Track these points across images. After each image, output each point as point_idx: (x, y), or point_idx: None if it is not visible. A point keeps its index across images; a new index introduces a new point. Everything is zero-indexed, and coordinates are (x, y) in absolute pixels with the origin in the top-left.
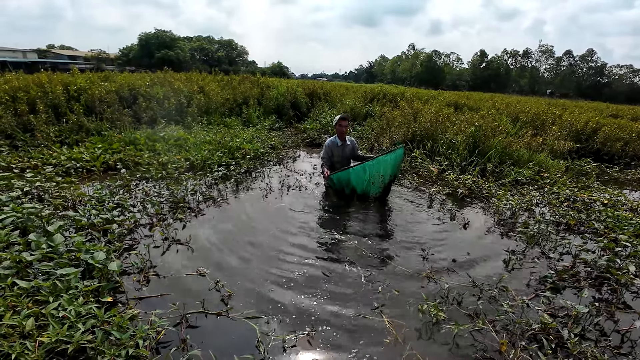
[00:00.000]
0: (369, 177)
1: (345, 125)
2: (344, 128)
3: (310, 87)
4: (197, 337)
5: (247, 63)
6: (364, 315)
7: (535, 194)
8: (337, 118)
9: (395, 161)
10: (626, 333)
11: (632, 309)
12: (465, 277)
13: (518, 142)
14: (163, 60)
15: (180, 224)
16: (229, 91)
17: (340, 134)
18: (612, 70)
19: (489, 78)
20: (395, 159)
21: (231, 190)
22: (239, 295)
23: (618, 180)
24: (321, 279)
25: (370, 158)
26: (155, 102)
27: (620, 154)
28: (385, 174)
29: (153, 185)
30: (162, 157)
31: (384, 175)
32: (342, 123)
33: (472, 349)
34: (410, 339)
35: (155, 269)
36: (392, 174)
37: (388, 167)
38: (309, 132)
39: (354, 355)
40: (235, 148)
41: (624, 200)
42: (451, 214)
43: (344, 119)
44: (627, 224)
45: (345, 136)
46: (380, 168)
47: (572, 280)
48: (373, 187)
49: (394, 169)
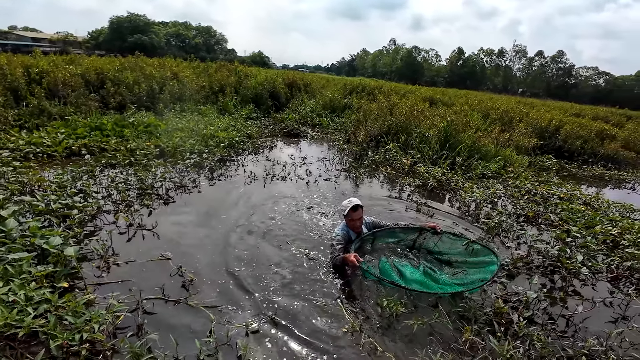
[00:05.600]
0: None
1: (359, 217)
2: (357, 222)
3: (290, 78)
4: (156, 323)
5: (226, 51)
6: (324, 304)
7: (499, 187)
8: (347, 207)
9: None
10: (570, 317)
11: (580, 295)
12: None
13: (487, 138)
14: (136, 45)
15: (146, 211)
16: (204, 78)
17: (354, 229)
18: (580, 71)
19: (465, 75)
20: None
21: (204, 178)
22: (201, 282)
23: (576, 176)
24: (285, 270)
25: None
26: (125, 88)
27: (579, 151)
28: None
29: (120, 172)
30: (130, 143)
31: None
32: (354, 216)
33: (429, 338)
34: (368, 329)
35: (118, 255)
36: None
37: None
38: (288, 122)
39: (313, 341)
40: (209, 136)
41: (579, 194)
42: (418, 205)
43: (355, 209)
44: (580, 217)
45: (360, 229)
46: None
47: (526, 268)
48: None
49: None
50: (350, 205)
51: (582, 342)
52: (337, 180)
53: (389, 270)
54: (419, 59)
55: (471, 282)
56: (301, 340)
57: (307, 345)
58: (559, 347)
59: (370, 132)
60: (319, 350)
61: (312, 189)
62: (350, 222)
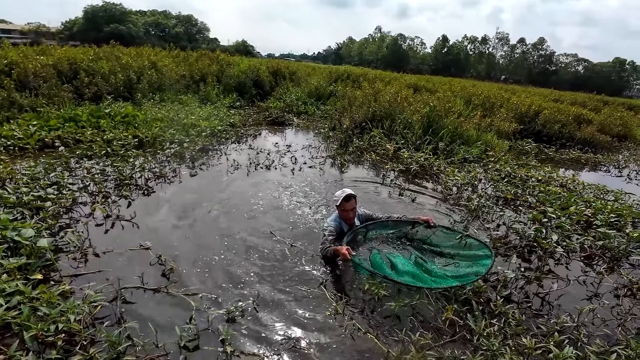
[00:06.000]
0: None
1: (352, 207)
2: (350, 213)
3: (274, 66)
4: (136, 312)
5: (208, 40)
6: (308, 289)
7: (480, 171)
8: (340, 198)
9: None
10: (546, 296)
11: (555, 274)
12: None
13: (469, 123)
14: (112, 36)
15: (125, 202)
16: (185, 67)
17: (347, 220)
18: (560, 58)
19: (450, 63)
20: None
21: (185, 168)
22: (181, 271)
23: (554, 159)
24: (267, 258)
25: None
26: (100, 78)
27: (557, 135)
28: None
29: (96, 163)
30: (107, 134)
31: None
32: (346, 206)
33: (410, 318)
34: (351, 311)
35: (95, 247)
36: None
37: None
38: (272, 111)
39: (296, 324)
40: (190, 125)
41: (556, 177)
42: (401, 189)
43: (348, 199)
44: (556, 198)
45: (353, 220)
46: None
47: (505, 248)
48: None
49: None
50: (343, 195)
51: (556, 319)
52: (322, 167)
53: (380, 263)
54: (404, 46)
55: (464, 275)
56: (284, 324)
57: (290, 329)
58: (534, 325)
59: (355, 119)
60: (301, 332)
61: (297, 176)
62: (343, 213)
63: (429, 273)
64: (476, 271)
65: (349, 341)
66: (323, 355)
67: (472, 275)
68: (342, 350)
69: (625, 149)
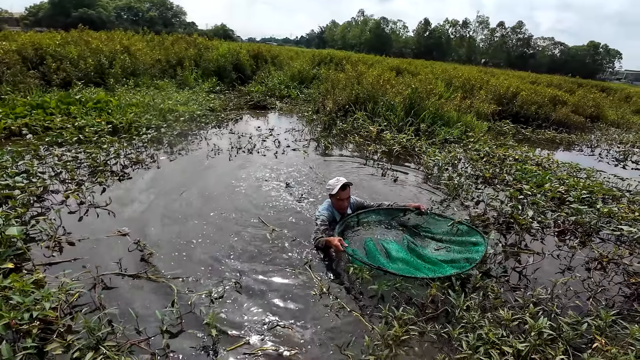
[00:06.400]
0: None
1: (347, 196)
2: (345, 202)
3: (255, 50)
4: (115, 299)
5: (185, 25)
6: (292, 270)
7: (460, 151)
8: (335, 186)
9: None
10: (523, 270)
11: (531, 250)
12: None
13: (449, 105)
14: (82, 21)
15: (100, 189)
16: (160, 52)
17: (341, 209)
18: (537, 42)
19: (432, 46)
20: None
21: (163, 153)
22: (161, 255)
23: (530, 139)
24: (248, 241)
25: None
26: (69, 63)
27: (534, 116)
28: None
29: (67, 150)
30: (78, 120)
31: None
32: (342, 195)
33: (393, 293)
34: (336, 291)
35: (70, 234)
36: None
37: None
38: (254, 95)
39: (280, 304)
40: (167, 110)
41: (532, 156)
42: (384, 170)
43: (345, 187)
44: (532, 176)
45: (347, 209)
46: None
47: (483, 225)
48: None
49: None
50: (339, 184)
51: (532, 291)
52: (306, 150)
53: (374, 251)
54: (387, 30)
55: (457, 260)
56: (267, 305)
57: (274, 309)
58: (511, 298)
59: (339, 102)
60: (286, 312)
61: (280, 159)
62: (338, 202)
63: (421, 258)
64: (468, 257)
65: (334, 320)
66: (308, 334)
67: (463, 260)
68: (327, 329)
69: (597, 129)
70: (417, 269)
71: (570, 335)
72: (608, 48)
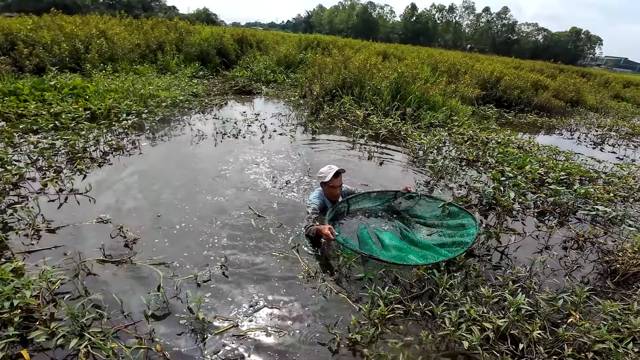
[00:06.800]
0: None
1: (340, 183)
2: (338, 189)
3: (240, 34)
4: (99, 285)
5: (165, 8)
6: (279, 253)
7: (444, 135)
8: (328, 174)
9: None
10: (504, 250)
11: (512, 230)
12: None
13: (435, 89)
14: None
15: (80, 176)
16: (139, 36)
17: (333, 197)
18: (522, 28)
19: (419, 32)
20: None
21: (145, 139)
22: (145, 241)
23: (512, 123)
24: (233, 226)
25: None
26: (42, 48)
27: (516, 101)
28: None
29: (43, 137)
30: (54, 107)
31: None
32: (335, 183)
33: (382, 280)
34: (323, 274)
35: (49, 222)
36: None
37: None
38: (239, 80)
39: (267, 286)
40: (148, 95)
41: (514, 139)
42: (370, 153)
43: (338, 175)
44: (513, 158)
45: (338, 197)
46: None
47: (467, 206)
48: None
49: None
50: (332, 171)
51: (511, 270)
52: (293, 135)
53: (367, 238)
54: (374, 15)
55: (450, 244)
56: (254, 287)
57: (261, 291)
58: (492, 276)
59: (326, 86)
60: (273, 294)
61: (266, 144)
62: (330, 190)
63: (414, 244)
64: (460, 241)
65: (322, 302)
66: (295, 315)
67: (456, 245)
68: (315, 310)
69: (577, 114)
70: (409, 254)
71: (547, 311)
72: (589, 34)
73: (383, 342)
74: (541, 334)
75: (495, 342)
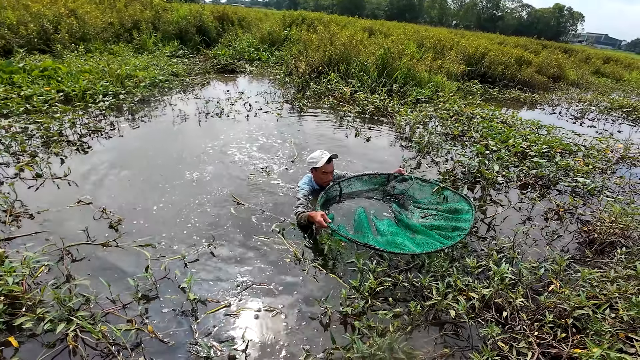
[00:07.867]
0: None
1: (332, 169)
2: (330, 175)
3: (220, 11)
4: (86, 269)
5: None
6: (266, 238)
7: (430, 110)
8: (319, 159)
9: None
10: (491, 222)
11: (496, 203)
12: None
13: (421, 65)
14: None
15: (57, 159)
16: (112, 14)
17: (324, 183)
18: (506, 4)
19: (404, 8)
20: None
21: (124, 120)
22: (129, 223)
23: (497, 98)
24: (220, 207)
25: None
26: (7, 29)
27: (500, 77)
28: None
29: (15, 121)
30: (24, 90)
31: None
32: (327, 169)
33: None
34: (311, 257)
35: (27, 208)
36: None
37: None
38: (221, 58)
39: (257, 268)
40: (125, 76)
41: (498, 114)
42: (357, 130)
43: (330, 160)
44: (497, 133)
45: (329, 183)
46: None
47: (453, 180)
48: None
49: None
50: (325, 157)
51: (495, 241)
52: (279, 113)
53: (365, 222)
54: None
55: (444, 228)
56: (243, 268)
57: (251, 272)
58: (478, 247)
59: (312, 64)
60: (263, 275)
61: (252, 122)
62: (322, 176)
63: (409, 228)
64: (454, 225)
65: (311, 281)
66: (286, 293)
67: (450, 228)
68: (306, 288)
69: (558, 89)
70: (404, 239)
71: (529, 279)
72: (572, 10)
73: (373, 313)
74: (524, 301)
75: (481, 311)
